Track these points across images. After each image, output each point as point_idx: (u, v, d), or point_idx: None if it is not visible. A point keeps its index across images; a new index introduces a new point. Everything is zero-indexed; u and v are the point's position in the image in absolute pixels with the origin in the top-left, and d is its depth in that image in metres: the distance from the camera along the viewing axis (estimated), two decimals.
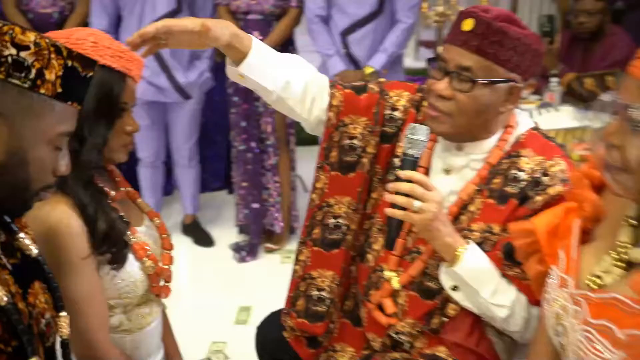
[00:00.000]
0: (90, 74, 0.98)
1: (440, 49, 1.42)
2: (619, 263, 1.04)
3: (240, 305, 2.97)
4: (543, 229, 1.21)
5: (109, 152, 1.39)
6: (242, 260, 3.42)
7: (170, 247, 1.57)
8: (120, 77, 1.34)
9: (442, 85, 1.37)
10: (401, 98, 1.56)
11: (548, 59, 3.29)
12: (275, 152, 3.45)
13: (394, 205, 1.34)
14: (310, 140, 4.56)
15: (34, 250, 1.05)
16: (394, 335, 1.52)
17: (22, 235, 1.04)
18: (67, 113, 0.95)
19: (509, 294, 1.38)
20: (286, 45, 3.39)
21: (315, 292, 1.61)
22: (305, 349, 1.66)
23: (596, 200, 1.15)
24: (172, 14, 3.22)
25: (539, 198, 1.37)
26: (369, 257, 1.58)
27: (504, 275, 1.39)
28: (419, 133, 1.35)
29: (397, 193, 1.34)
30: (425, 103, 1.51)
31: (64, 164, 0.99)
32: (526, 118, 1.52)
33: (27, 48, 0.88)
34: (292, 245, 3.57)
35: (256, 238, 3.49)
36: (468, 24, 1.34)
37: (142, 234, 1.47)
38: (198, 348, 2.63)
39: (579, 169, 1.23)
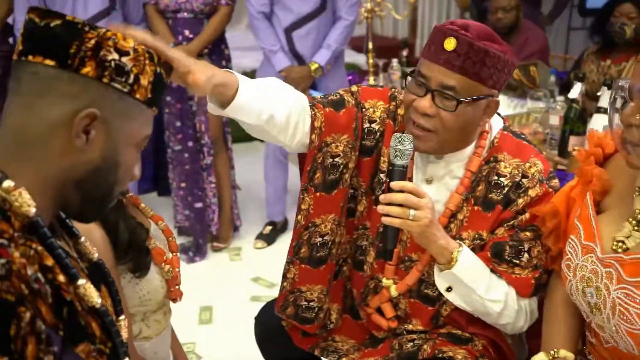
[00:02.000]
0: (169, 80, 0.99)
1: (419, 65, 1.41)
2: (639, 228, 1.17)
3: (201, 306, 2.95)
4: (562, 207, 1.33)
5: None
6: (190, 261, 3.38)
7: (176, 250, 1.55)
8: None
9: (426, 104, 1.37)
10: (376, 109, 1.55)
11: None
12: (209, 151, 3.42)
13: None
14: (245, 138, 4.55)
15: (95, 254, 1.04)
16: (403, 332, 1.59)
17: (83, 239, 1.03)
18: (150, 117, 0.96)
19: (501, 288, 1.45)
20: (218, 44, 3.37)
21: (304, 302, 1.63)
22: (302, 338, 1.69)
23: (604, 175, 1.28)
24: (104, 13, 3.11)
25: (520, 200, 1.44)
26: (365, 267, 1.61)
27: (494, 271, 1.46)
28: (405, 143, 1.37)
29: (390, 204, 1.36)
30: (400, 111, 1.53)
31: (137, 169, 0.99)
32: (496, 118, 1.54)
33: (127, 54, 0.88)
34: (237, 243, 3.58)
35: (202, 238, 3.46)
36: (450, 43, 1.33)
37: (154, 239, 1.45)
38: None
39: (583, 149, 1.36)
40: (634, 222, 1.18)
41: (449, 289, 1.47)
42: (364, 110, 1.55)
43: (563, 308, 1.38)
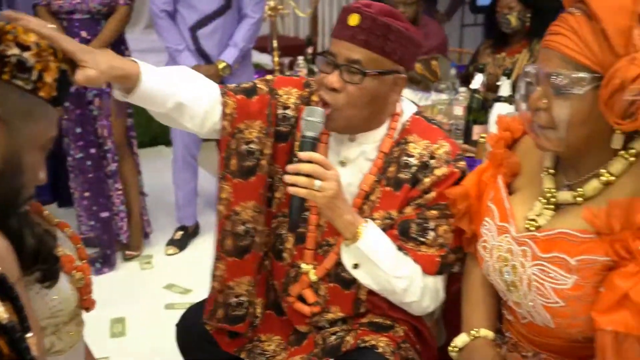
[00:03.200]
0: (72, 77, 0.93)
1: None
2: (548, 206, 1.23)
3: (112, 318, 2.83)
4: (473, 190, 1.37)
5: None
6: (99, 272, 3.23)
7: (86, 257, 1.47)
8: None
9: (333, 78, 1.41)
10: (291, 96, 1.58)
11: None
12: (114, 157, 3.29)
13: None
14: (150, 142, 4.42)
15: None
16: (320, 324, 1.60)
17: None
18: (55, 117, 0.90)
19: (407, 265, 1.47)
20: (118, 45, 3.25)
21: (234, 299, 1.62)
22: (228, 340, 1.66)
23: (513, 158, 1.33)
24: None
25: (426, 179, 1.47)
26: (285, 255, 1.61)
27: (401, 248, 1.49)
28: (316, 115, 1.40)
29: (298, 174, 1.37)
30: (314, 98, 1.55)
31: (43, 173, 0.92)
32: (409, 104, 1.59)
33: (29, 48, 0.83)
34: (149, 251, 3.47)
35: (109, 248, 3.32)
36: (354, 19, 1.39)
37: (62, 247, 1.37)
38: None
39: (493, 134, 1.41)
40: (543, 200, 1.23)
41: (356, 266, 1.48)
42: (277, 96, 1.57)
43: (481, 288, 1.42)
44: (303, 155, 1.38)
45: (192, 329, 1.71)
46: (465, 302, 1.45)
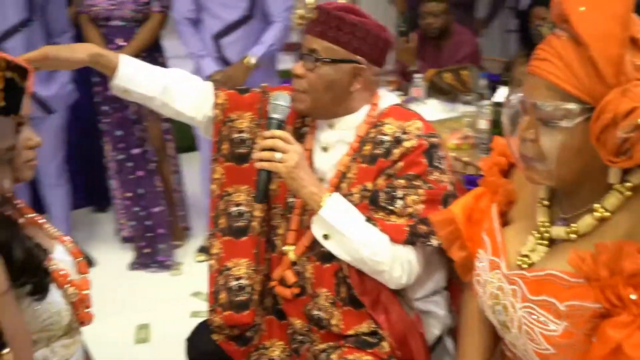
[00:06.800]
0: (26, 83, 0.93)
1: None
2: (542, 241, 1.14)
3: (137, 324, 2.86)
4: (461, 216, 1.30)
5: (13, 171, 1.29)
6: (154, 271, 3.38)
7: (87, 271, 1.50)
8: None
9: (297, 66, 1.57)
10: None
11: (406, 56, 3.55)
12: (152, 159, 3.36)
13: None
14: (189, 148, 4.48)
15: None
16: (313, 312, 1.59)
17: None
18: (9, 127, 0.90)
19: (374, 233, 1.49)
20: (152, 52, 3.31)
21: (234, 283, 1.68)
22: (236, 348, 1.70)
23: (508, 185, 1.26)
24: (24, 23, 3.02)
25: (396, 151, 1.52)
26: (277, 242, 1.67)
27: (370, 219, 1.51)
28: (280, 99, 1.53)
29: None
30: None
31: (7, 182, 0.93)
32: (391, 96, 1.68)
33: None
34: (179, 257, 3.51)
35: (151, 246, 3.40)
36: (314, 14, 1.56)
37: (57, 260, 1.39)
38: None
39: (488, 158, 1.33)
40: (537, 235, 1.15)
41: (326, 237, 1.52)
42: (268, 96, 1.66)
43: (477, 319, 1.35)
44: (267, 133, 1.50)
45: (201, 344, 1.75)
46: (461, 331, 1.39)
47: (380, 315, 1.54)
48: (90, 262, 3.47)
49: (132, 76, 1.61)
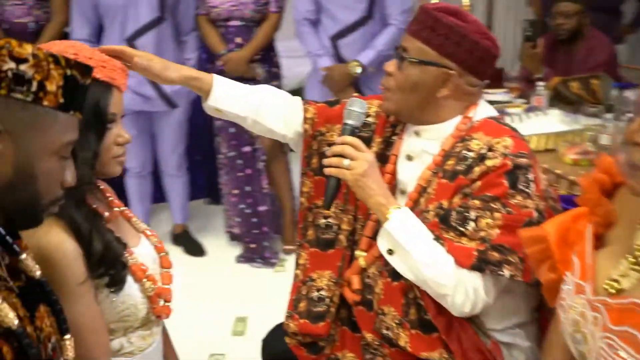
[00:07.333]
0: (88, 81, 0.96)
1: None
2: (636, 267, 1.02)
3: (236, 316, 2.93)
4: (554, 235, 1.20)
5: (101, 166, 1.34)
6: (259, 266, 3.45)
7: (169, 266, 1.52)
8: (105, 88, 1.30)
9: (389, 63, 1.52)
10: (372, 105, 1.64)
11: (532, 63, 3.32)
12: (261, 157, 3.42)
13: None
14: None
15: (37, 272, 1.02)
16: (382, 330, 1.51)
17: (24, 256, 1.01)
18: (70, 123, 0.93)
19: (441, 254, 1.39)
20: (268, 51, 3.38)
21: (315, 293, 1.65)
22: (307, 355, 1.67)
23: (608, 205, 1.14)
24: (155, 22, 3.18)
25: (477, 169, 1.40)
26: (356, 253, 1.62)
27: (439, 238, 1.41)
28: (355, 105, 1.49)
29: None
30: None
31: (70, 175, 0.97)
32: (488, 109, 1.56)
33: (25, 61, 0.85)
34: (284, 255, 3.55)
35: (256, 243, 3.47)
36: (416, 13, 1.50)
37: (139, 254, 1.43)
38: None
39: (589, 174, 1.21)
40: (631, 259, 1.02)
41: (390, 252, 1.45)
42: None
43: (558, 348, 1.23)
44: (338, 139, 1.48)
45: (276, 346, 1.75)
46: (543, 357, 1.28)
47: (453, 342, 1.42)
48: (201, 252, 3.62)
49: (226, 97, 1.60)
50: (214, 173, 3.72)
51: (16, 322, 0.88)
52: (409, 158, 1.56)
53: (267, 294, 3.12)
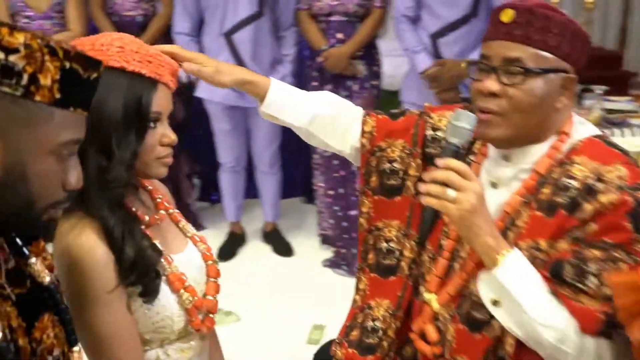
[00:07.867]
0: (95, 75, 0.86)
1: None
2: None
3: (314, 324, 2.83)
4: None
5: (143, 167, 1.26)
6: (342, 274, 3.35)
7: (217, 275, 1.43)
8: (150, 84, 1.22)
9: (491, 82, 1.25)
10: (443, 117, 1.47)
11: None
12: None
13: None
14: None
15: (47, 278, 0.95)
16: None
17: (33, 260, 0.94)
18: (70, 120, 0.85)
19: (560, 314, 1.19)
20: (370, 48, 3.25)
21: (370, 323, 1.52)
22: None
23: None
24: (254, 17, 3.15)
25: (588, 206, 1.18)
26: (422, 289, 1.44)
27: (555, 293, 1.20)
28: (463, 120, 1.24)
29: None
30: None
31: (74, 177, 0.88)
32: (588, 126, 1.34)
33: (16, 51, 0.77)
34: None
35: (347, 248, 3.35)
36: (508, 15, 1.25)
37: (181, 262, 1.34)
38: None
39: None
40: None
41: (495, 303, 1.23)
42: (427, 118, 1.50)
43: None
44: (440, 162, 1.22)
45: None
46: None
47: None
48: (289, 252, 3.55)
49: (280, 104, 1.49)
50: (311, 172, 3.65)
51: (0, 334, 0.81)
52: (494, 185, 1.35)
53: (345, 302, 2.99)
